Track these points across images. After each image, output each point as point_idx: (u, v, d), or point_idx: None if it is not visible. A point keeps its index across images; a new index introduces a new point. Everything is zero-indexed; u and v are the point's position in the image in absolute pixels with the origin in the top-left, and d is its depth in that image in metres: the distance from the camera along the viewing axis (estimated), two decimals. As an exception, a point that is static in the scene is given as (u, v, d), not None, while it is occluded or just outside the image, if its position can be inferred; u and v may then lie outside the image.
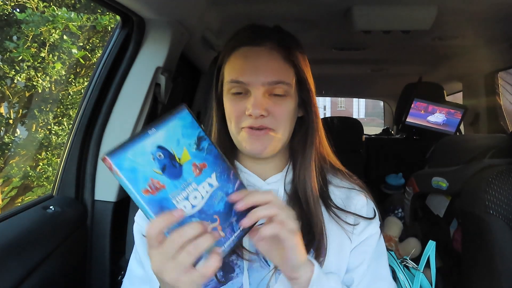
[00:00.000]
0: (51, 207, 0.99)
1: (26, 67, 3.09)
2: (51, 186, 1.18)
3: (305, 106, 0.68)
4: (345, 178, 0.73)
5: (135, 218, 0.70)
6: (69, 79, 3.58)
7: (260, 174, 0.69)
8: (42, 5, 2.97)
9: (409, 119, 2.36)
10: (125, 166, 0.43)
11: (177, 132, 0.47)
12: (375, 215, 0.70)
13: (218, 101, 0.70)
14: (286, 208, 0.53)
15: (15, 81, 3.30)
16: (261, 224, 0.52)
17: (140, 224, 0.68)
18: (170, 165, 0.46)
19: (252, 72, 0.63)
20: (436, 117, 2.35)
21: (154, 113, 1.27)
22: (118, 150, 0.43)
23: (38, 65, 3.11)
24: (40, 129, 3.53)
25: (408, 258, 0.92)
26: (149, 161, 0.45)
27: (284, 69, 0.64)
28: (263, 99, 0.62)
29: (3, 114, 3.53)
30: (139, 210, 0.68)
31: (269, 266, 0.63)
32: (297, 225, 0.53)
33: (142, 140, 0.45)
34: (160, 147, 0.46)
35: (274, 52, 0.64)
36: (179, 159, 0.47)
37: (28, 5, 2.92)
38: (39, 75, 3.12)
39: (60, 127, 3.46)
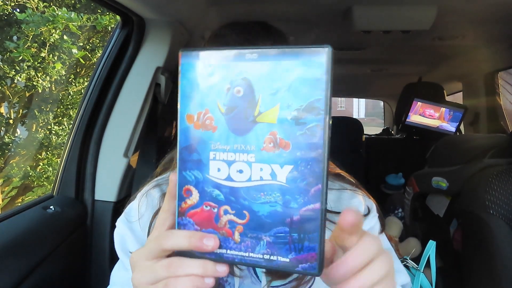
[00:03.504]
0: (51, 207, 0.99)
1: (26, 67, 3.09)
2: (51, 186, 1.19)
3: None
4: (337, 179, 0.68)
5: (117, 223, 0.67)
6: (69, 79, 3.58)
7: None
8: (42, 5, 2.97)
9: (409, 119, 2.36)
10: (189, 74, 0.33)
11: (286, 78, 0.31)
12: (370, 211, 0.66)
13: None
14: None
15: (15, 81, 3.31)
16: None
17: (121, 228, 0.65)
18: (241, 112, 0.33)
19: None
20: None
21: (154, 113, 1.27)
22: (197, 50, 0.33)
23: (38, 65, 3.11)
24: (40, 129, 3.53)
25: (408, 258, 0.92)
26: (221, 88, 0.33)
27: None
28: None
29: (3, 114, 3.54)
30: (122, 215, 0.66)
31: (261, 282, 0.61)
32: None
33: (233, 58, 0.33)
34: (246, 82, 0.32)
35: None
36: (259, 113, 0.32)
37: (28, 5, 2.92)
38: (39, 75, 3.12)
39: (60, 127, 3.47)
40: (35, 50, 3.04)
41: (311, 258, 0.33)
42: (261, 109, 0.32)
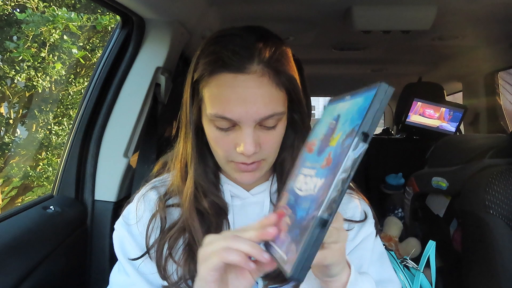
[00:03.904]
0: (51, 207, 0.99)
1: (26, 67, 3.09)
2: (51, 186, 1.19)
3: (295, 125, 0.63)
4: None
5: (115, 225, 0.67)
6: (69, 79, 3.58)
7: (244, 185, 0.65)
8: (42, 5, 2.97)
9: (409, 119, 2.36)
10: (322, 119, 0.46)
11: (352, 110, 0.38)
12: (366, 217, 0.66)
13: (196, 118, 0.61)
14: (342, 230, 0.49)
15: (15, 81, 3.30)
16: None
17: (120, 231, 0.66)
18: (327, 138, 0.40)
19: (241, 107, 0.54)
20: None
21: (154, 113, 1.27)
22: (337, 99, 0.45)
23: (38, 65, 3.11)
24: (40, 129, 3.53)
25: (408, 258, 0.93)
26: (327, 122, 0.43)
27: (276, 97, 0.55)
28: (255, 134, 0.56)
29: (3, 114, 3.54)
30: (120, 218, 0.67)
31: (257, 283, 0.61)
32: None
33: (340, 101, 0.43)
34: (338, 117, 0.41)
35: (264, 79, 0.54)
36: (332, 138, 0.39)
37: (28, 5, 2.92)
38: (39, 75, 3.12)
39: (60, 127, 3.47)
40: (35, 50, 3.04)
41: (292, 258, 0.36)
42: (334, 135, 0.39)
